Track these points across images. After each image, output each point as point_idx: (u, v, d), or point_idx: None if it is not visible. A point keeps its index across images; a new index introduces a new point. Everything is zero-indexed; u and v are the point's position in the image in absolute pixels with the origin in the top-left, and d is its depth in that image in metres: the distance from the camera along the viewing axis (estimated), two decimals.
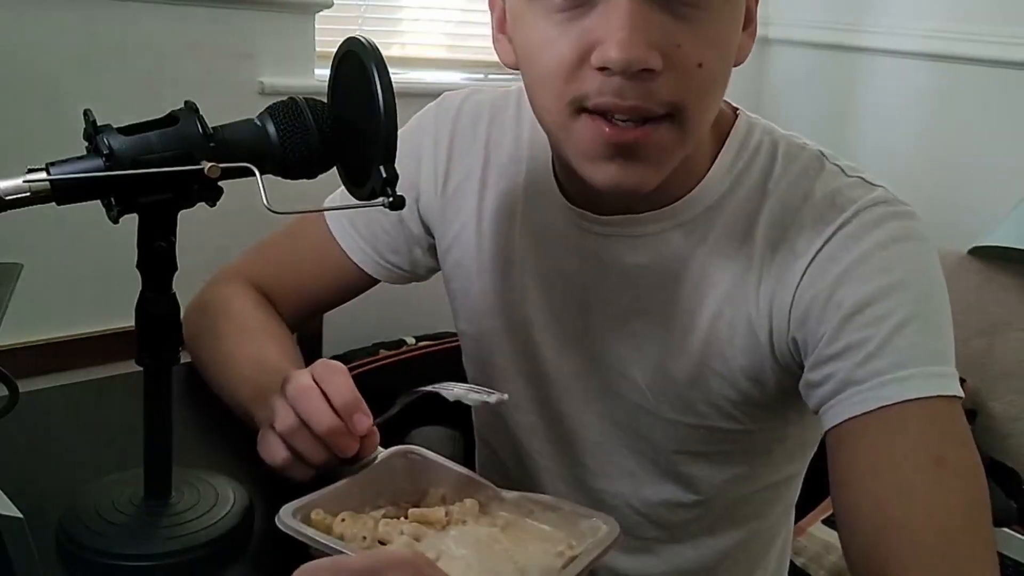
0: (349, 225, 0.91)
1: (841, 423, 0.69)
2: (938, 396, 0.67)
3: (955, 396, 0.68)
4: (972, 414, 2.18)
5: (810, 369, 0.72)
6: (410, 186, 0.89)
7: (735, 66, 0.72)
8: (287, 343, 0.90)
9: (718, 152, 0.77)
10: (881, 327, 0.68)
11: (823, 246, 0.72)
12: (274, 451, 0.72)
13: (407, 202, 0.88)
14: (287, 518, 0.62)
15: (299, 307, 0.95)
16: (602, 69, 0.65)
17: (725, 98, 0.76)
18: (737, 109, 0.80)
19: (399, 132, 0.91)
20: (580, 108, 0.68)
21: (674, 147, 0.69)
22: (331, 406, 0.70)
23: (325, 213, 0.92)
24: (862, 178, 0.75)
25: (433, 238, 0.92)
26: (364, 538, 0.62)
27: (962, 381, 0.71)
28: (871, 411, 0.67)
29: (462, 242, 0.88)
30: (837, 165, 0.76)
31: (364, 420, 0.70)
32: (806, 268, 0.72)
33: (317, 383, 0.71)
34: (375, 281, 0.94)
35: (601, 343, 0.82)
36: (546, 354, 0.85)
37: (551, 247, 0.83)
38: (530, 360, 0.87)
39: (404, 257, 0.92)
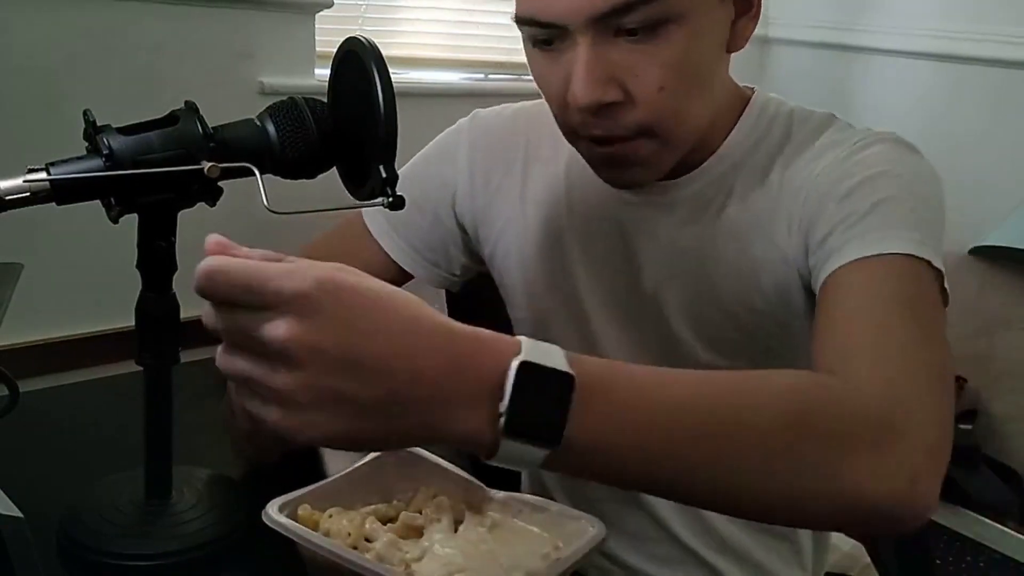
0: (387, 225, 0.94)
1: (824, 280, 0.71)
2: (915, 257, 0.68)
3: (931, 264, 0.69)
4: (972, 414, 2.17)
5: (811, 255, 0.76)
6: (443, 184, 0.94)
7: (734, 51, 0.78)
8: None
9: (737, 120, 0.82)
10: (866, 202, 0.72)
11: (831, 163, 0.76)
12: (240, 421, 0.73)
13: (443, 200, 0.94)
14: (273, 513, 0.61)
15: None
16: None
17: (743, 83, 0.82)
18: (753, 88, 0.85)
19: (431, 141, 0.95)
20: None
21: (658, 154, 0.76)
22: None
23: (365, 216, 0.95)
24: (870, 129, 0.81)
25: (468, 235, 0.95)
26: (348, 535, 0.62)
27: (963, 381, 0.71)
28: (850, 262, 0.70)
29: (510, 231, 0.92)
30: (847, 122, 0.82)
31: None
32: (814, 180, 0.77)
33: None
34: (407, 278, 0.96)
35: (650, 301, 0.86)
36: (597, 322, 0.89)
37: (595, 223, 0.88)
38: (584, 332, 0.90)
39: (440, 254, 0.96)
